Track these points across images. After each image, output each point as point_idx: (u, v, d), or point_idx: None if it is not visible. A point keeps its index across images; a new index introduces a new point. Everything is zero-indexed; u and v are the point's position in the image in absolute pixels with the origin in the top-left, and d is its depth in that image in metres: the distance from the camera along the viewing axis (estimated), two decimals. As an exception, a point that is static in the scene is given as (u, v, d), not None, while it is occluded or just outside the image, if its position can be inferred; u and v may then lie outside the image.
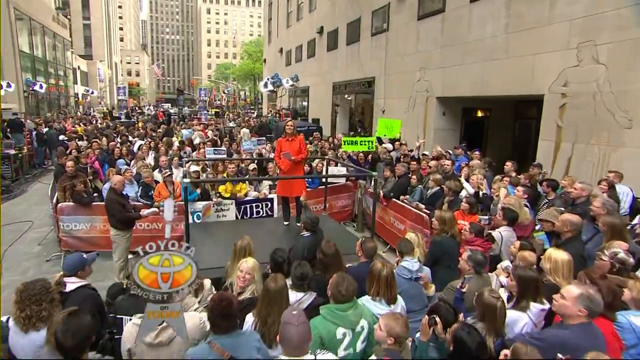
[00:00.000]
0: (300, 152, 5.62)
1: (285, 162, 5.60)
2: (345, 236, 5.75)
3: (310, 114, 23.29)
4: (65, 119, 21.15)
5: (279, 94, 17.26)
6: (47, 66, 28.88)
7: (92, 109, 39.37)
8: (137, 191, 6.89)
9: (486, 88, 9.98)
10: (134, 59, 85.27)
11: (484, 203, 5.88)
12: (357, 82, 16.99)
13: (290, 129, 5.56)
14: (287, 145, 5.60)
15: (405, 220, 6.84)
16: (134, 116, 25.39)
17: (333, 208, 8.26)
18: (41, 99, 27.03)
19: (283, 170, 5.67)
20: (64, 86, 33.03)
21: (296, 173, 5.76)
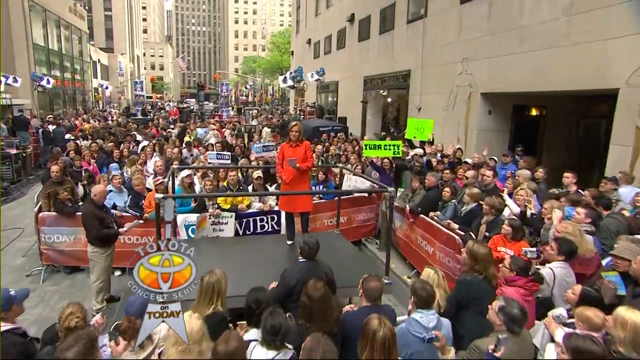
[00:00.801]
0: (305, 160, 5.29)
1: (289, 171, 5.27)
2: (358, 262, 5.24)
3: (339, 112, 23.06)
4: (78, 115, 21.81)
5: (300, 90, 16.90)
6: (63, 59, 30.12)
7: (112, 104, 40.97)
8: (126, 200, 6.70)
9: (543, 82, 9.12)
10: (157, 52, 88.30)
11: (533, 226, 5.14)
12: (391, 76, 16.61)
13: (294, 134, 5.24)
14: (291, 152, 5.30)
15: (434, 241, 6.27)
16: (150, 112, 25.78)
17: (352, 222, 7.89)
18: (55, 94, 28.11)
19: (285, 181, 5.35)
20: (80, 80, 34.23)
21: (301, 184, 5.40)
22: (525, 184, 5.87)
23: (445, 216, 6.30)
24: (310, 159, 5.37)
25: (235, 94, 53.21)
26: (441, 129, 12.77)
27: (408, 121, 9.73)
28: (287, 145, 5.39)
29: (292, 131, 5.29)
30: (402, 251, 7.44)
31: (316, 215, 7.36)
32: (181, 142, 11.86)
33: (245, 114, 32.60)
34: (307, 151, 5.32)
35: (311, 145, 6.10)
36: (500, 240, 4.83)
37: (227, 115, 28.19)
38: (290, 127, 5.36)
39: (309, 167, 5.41)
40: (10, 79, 14.75)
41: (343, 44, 22.28)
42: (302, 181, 5.39)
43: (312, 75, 16.68)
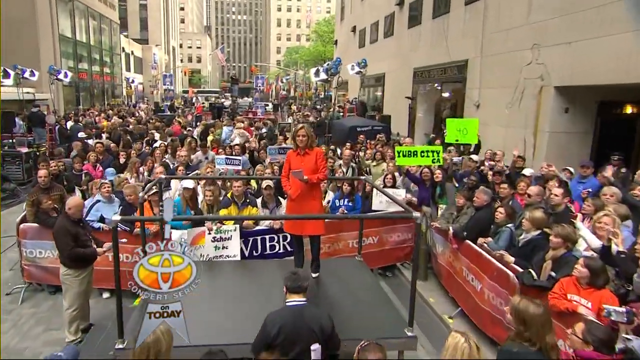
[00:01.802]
0: (316, 170, 4.77)
1: (296, 184, 4.78)
2: (375, 303, 4.60)
3: (384, 109, 22.71)
4: (102, 111, 22.56)
5: (333, 84, 16.48)
6: (91, 52, 31.51)
7: (144, 99, 42.52)
8: (116, 212, 6.33)
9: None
10: (195, 43, 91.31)
11: (621, 268, 4.16)
12: (445, 67, 16.11)
13: (301, 139, 4.76)
14: (298, 162, 4.81)
15: (483, 276, 5.55)
16: (179, 109, 26.27)
17: (385, 243, 7.36)
18: (84, 88, 29.36)
19: (291, 197, 4.88)
20: (110, 74, 35.66)
21: (310, 201, 4.86)
22: (611, 207, 4.88)
23: (499, 245, 5.54)
24: (323, 169, 4.83)
25: (276, 88, 53.81)
26: (503, 131, 11.95)
27: (447, 122, 9.04)
28: (293, 153, 4.91)
29: (298, 136, 4.79)
30: (444, 283, 6.80)
31: (340, 234, 6.87)
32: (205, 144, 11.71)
33: (283, 111, 32.67)
34: (318, 160, 4.80)
35: (332, 150, 5.61)
36: (572, 285, 4.03)
37: (262, 111, 28.33)
38: (295, 131, 4.88)
39: (321, 179, 4.89)
40: (27, 72, 15.24)
41: (391, 31, 22.03)
42: (312, 197, 4.87)
43: (353, 67, 16.08)
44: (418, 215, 3.73)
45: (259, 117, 23.32)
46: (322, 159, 4.89)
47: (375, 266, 7.25)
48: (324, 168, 4.88)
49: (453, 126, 8.80)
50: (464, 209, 6.39)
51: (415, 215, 3.73)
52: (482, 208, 6.02)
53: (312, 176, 4.72)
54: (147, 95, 47.51)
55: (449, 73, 15.81)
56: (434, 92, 18.21)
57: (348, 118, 17.85)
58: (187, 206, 6.45)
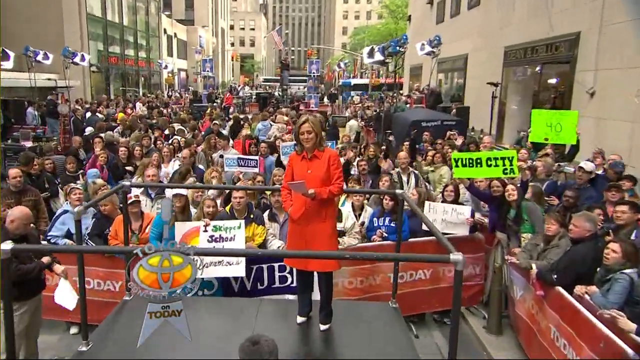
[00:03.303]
0: (327, 181, 4.31)
1: (299, 201, 4.35)
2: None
3: (466, 99, 21.87)
4: (128, 100, 23.20)
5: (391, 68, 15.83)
6: (124, 33, 32.81)
7: (190, 88, 43.87)
8: (88, 227, 6.14)
9: None
10: (248, 24, 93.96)
11: None
12: (547, 45, 15.10)
13: (306, 138, 4.27)
14: (303, 168, 4.39)
15: (581, 344, 4.56)
16: (217, 99, 26.67)
17: (440, 280, 6.67)
18: (117, 75, 30.52)
19: (292, 217, 4.42)
20: (145, 59, 37.04)
21: (318, 223, 4.33)
22: None
23: (609, 300, 4.51)
24: (338, 179, 4.31)
25: (338, 75, 53.71)
26: (628, 128, 10.81)
27: (532, 114, 8.34)
28: (297, 156, 4.48)
29: (301, 133, 4.30)
30: (523, 341, 5.99)
31: (377, 265, 6.18)
32: (228, 139, 11.59)
33: (341, 101, 32.16)
34: (331, 166, 4.31)
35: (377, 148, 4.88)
36: None
37: (316, 102, 28.08)
38: (298, 127, 4.36)
39: (334, 193, 4.32)
40: (40, 55, 15.74)
41: (477, 0, 21.26)
42: (320, 218, 4.32)
43: (423, 47, 15.17)
44: (459, 258, 2.87)
45: (312, 109, 23.09)
46: (336, 164, 4.35)
47: (427, 310, 6.76)
48: (339, 178, 4.33)
49: (541, 120, 8.16)
50: (555, 240, 5.49)
51: (455, 258, 2.87)
52: (582, 241, 5.08)
53: (321, 189, 4.20)
54: (192, 84, 49.05)
55: (552, 52, 14.80)
56: (532, 77, 17.20)
57: (412, 110, 17.03)
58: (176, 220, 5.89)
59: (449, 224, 6.36)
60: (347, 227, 6.00)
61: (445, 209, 6.43)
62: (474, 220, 6.50)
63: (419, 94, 20.23)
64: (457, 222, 6.37)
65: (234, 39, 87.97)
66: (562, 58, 14.32)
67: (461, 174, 6.84)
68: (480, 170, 6.72)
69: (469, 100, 20.92)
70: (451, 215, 6.42)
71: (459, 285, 2.99)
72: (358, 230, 6.13)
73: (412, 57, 29.08)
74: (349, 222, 6.05)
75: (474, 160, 6.75)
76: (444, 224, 6.29)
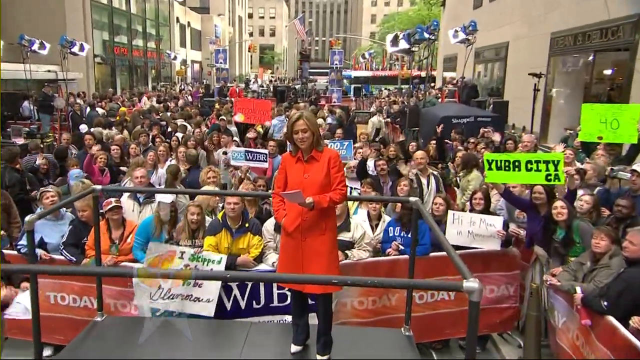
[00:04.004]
0: (327, 187, 4.22)
1: (293, 211, 4.23)
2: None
3: (506, 92, 21.56)
4: (133, 94, 23.23)
5: (417, 57, 15.60)
6: (132, 22, 33.07)
7: (204, 81, 44.03)
8: (64, 235, 6.01)
9: None
10: (268, 12, 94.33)
11: None
12: (601, 29, 14.66)
13: (300, 137, 4.14)
14: (299, 172, 4.29)
15: None
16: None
17: (465, 302, 6.17)
18: (122, 67, 30.68)
19: (286, 230, 4.27)
20: (155, 50, 37.27)
21: (317, 236, 4.20)
22: None
23: None
24: (339, 185, 4.16)
25: (366, 66, 53.46)
26: None
27: (583, 110, 7.87)
28: (291, 158, 4.37)
29: (295, 132, 4.15)
30: None
31: None
32: (241, 136, 11.57)
33: (364, 96, 31.77)
34: (331, 169, 4.21)
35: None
36: None
37: (339, 96, 27.77)
38: (291, 124, 4.21)
39: (336, 201, 4.17)
40: (36, 44, 15.81)
41: None
42: (319, 230, 4.16)
43: (456, 34, 14.78)
44: (474, 287, 2.54)
45: (333, 105, 22.79)
46: (336, 167, 4.19)
47: (452, 335, 6.43)
48: (341, 182, 4.16)
49: (594, 115, 7.73)
50: (605, 258, 5.11)
51: (469, 286, 2.53)
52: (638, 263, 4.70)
53: (321, 197, 4.05)
54: (206, 77, 49.33)
55: (607, 38, 14.34)
56: (583, 67, 16.76)
57: (444, 105, 16.78)
58: (162, 229, 5.91)
59: (477, 237, 6.03)
60: (356, 238, 5.73)
61: (473, 220, 6.09)
62: (508, 233, 6.17)
63: (451, 87, 19.76)
64: (486, 234, 6.03)
65: (252, 28, 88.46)
66: (620, 45, 13.94)
67: (494, 178, 6.46)
68: (518, 175, 6.35)
69: (509, 94, 20.73)
70: (479, 226, 6.07)
71: (473, 320, 2.67)
72: (369, 241, 5.85)
73: (447, 47, 28.68)
74: (358, 231, 5.78)
75: (511, 162, 6.37)
76: (470, 237, 5.97)
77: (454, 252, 3.19)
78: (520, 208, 6.61)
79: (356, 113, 21.79)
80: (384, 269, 5.80)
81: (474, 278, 2.59)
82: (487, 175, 6.49)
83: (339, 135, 11.06)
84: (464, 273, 2.70)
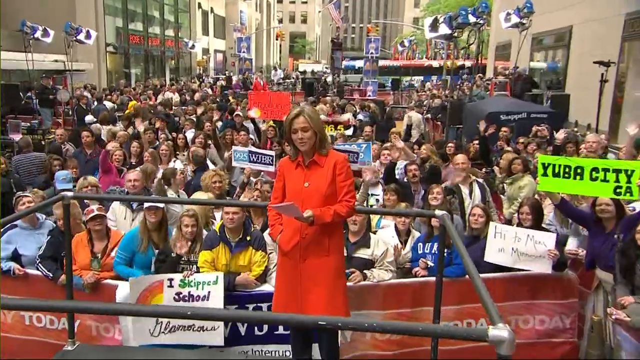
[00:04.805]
0: (332, 197, 4.15)
1: (291, 226, 4.21)
2: None
3: (568, 84, 21.20)
4: (146, 87, 23.36)
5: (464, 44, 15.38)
6: (148, 7, 33.42)
7: (227, 72, 44.31)
8: (42, 246, 5.90)
9: None
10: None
11: None
12: None
13: (300, 137, 4.08)
14: (299, 179, 4.24)
15: None
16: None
17: (518, 330, 6.11)
18: (137, 56, 30.97)
19: (282, 249, 4.27)
20: (173, 38, 37.48)
21: (321, 257, 4.16)
22: None
23: None
24: (347, 196, 4.12)
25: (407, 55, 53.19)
26: None
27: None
28: (290, 163, 4.31)
29: (293, 131, 4.08)
30: None
31: (418, 309, 5.64)
32: (258, 134, 11.66)
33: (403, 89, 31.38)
34: (337, 177, 4.12)
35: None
36: None
37: (374, 89, 27.49)
38: (288, 122, 4.13)
39: (342, 215, 4.12)
40: (39, 31, 15.90)
41: None
42: (322, 251, 4.13)
43: (508, 17, 14.35)
44: (504, 335, 2.19)
45: (367, 98, 22.55)
46: (344, 173, 4.10)
47: None
48: (349, 192, 4.09)
49: None
50: None
51: (497, 335, 2.18)
52: None
53: (324, 210, 3.97)
54: (229, 67, 49.68)
55: None
56: None
57: (491, 99, 16.46)
58: (150, 242, 5.80)
59: (523, 257, 5.66)
60: (377, 256, 5.47)
61: (518, 236, 5.71)
62: (563, 254, 5.81)
63: (502, 78, 19.30)
64: (535, 254, 5.65)
65: (282, 14, 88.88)
66: None
67: (549, 186, 6.08)
68: (579, 185, 5.94)
69: (571, 86, 20.40)
70: (527, 244, 5.69)
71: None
72: (392, 260, 5.58)
73: (499, 33, 28.06)
74: (379, 248, 5.52)
75: (572, 169, 5.95)
76: (515, 255, 5.62)
77: (480, 282, 2.91)
78: (581, 223, 6.25)
79: (394, 108, 21.52)
80: (410, 292, 5.54)
81: (504, 324, 2.21)
82: (540, 182, 6.13)
83: (367, 133, 10.81)
84: (491, 315, 2.32)
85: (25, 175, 9.32)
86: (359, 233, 5.44)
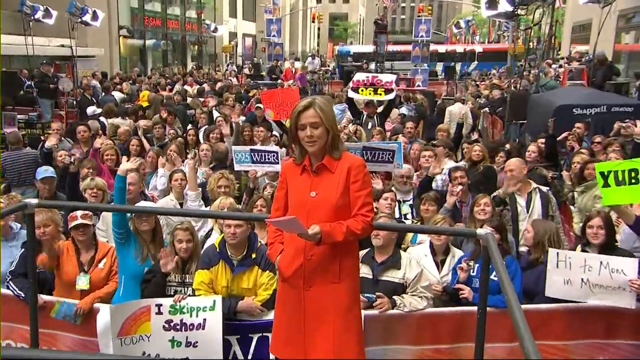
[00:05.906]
0: (345, 210, 4.05)
1: (293, 245, 4.12)
2: None
3: None
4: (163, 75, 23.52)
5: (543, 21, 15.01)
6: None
7: (257, 58, 44.53)
8: (14, 260, 5.92)
9: None
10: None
11: None
12: None
13: (308, 136, 3.97)
14: (304, 187, 4.15)
15: None
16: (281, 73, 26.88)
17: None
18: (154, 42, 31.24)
19: (283, 274, 4.20)
20: (195, 21, 37.77)
21: (328, 284, 4.08)
22: None
23: None
24: (363, 209, 3.99)
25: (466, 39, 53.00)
26: None
27: None
28: (294, 167, 4.23)
29: (299, 127, 3.99)
30: None
31: (457, 347, 5.44)
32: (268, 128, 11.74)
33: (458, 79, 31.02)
34: (351, 185, 4.03)
35: None
36: None
37: (424, 78, 27.16)
38: (294, 117, 4.02)
39: (356, 233, 3.96)
40: (39, 11, 16.13)
41: None
42: (331, 277, 4.04)
43: None
44: None
45: (415, 89, 22.36)
46: (360, 180, 4.00)
47: None
48: (365, 205, 3.98)
49: None
50: None
51: None
52: None
53: (334, 227, 3.84)
54: (260, 53, 49.94)
55: None
56: None
57: (563, 89, 16.08)
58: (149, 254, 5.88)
59: (597, 289, 5.26)
60: (409, 279, 5.24)
61: (588, 263, 5.30)
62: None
63: (577, 64, 18.80)
64: (612, 285, 5.23)
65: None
66: None
67: (613, 199, 5.69)
68: None
69: None
70: (601, 272, 5.28)
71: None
72: (427, 284, 5.32)
73: (577, 11, 27.46)
74: (411, 270, 5.30)
75: (639, 172, 5.60)
76: (586, 288, 5.22)
77: (522, 320, 2.71)
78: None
79: (446, 100, 21.18)
80: (450, 324, 5.30)
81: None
82: (603, 195, 5.80)
83: (410, 129, 10.49)
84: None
85: (15, 175, 9.31)
86: (387, 250, 5.26)
